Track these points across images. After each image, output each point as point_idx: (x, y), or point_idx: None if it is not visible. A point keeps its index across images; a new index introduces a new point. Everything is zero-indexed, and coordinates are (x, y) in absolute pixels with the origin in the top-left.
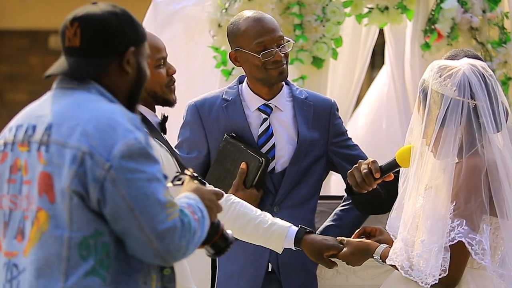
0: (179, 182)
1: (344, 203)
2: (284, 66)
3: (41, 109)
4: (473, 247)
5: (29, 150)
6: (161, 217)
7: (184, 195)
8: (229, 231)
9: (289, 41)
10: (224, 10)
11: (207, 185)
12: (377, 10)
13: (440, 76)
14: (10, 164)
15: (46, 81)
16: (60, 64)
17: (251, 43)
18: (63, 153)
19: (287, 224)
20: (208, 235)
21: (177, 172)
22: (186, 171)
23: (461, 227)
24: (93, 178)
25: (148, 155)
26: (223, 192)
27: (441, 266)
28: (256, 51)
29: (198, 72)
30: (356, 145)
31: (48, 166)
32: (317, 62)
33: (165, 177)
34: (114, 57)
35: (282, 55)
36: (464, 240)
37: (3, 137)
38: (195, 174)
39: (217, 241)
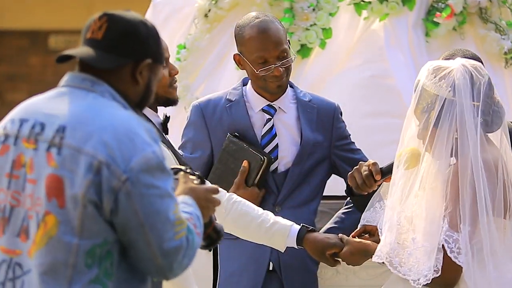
0: (175, 176)
1: (347, 206)
2: (284, 79)
3: (50, 107)
4: (449, 245)
5: (36, 148)
6: (169, 235)
7: (182, 200)
8: (218, 223)
9: (294, 54)
10: (213, 2)
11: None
12: (376, 1)
13: (435, 77)
14: (12, 158)
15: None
16: (79, 50)
17: (252, 54)
18: (77, 159)
19: (289, 222)
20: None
21: (174, 167)
22: (182, 167)
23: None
24: (108, 188)
25: (164, 169)
26: (218, 187)
27: (434, 266)
28: (256, 64)
29: None
30: (359, 149)
31: (60, 170)
32: (304, 51)
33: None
34: (130, 60)
35: (282, 69)
36: (441, 238)
37: (2, 127)
38: (190, 171)
39: (210, 233)
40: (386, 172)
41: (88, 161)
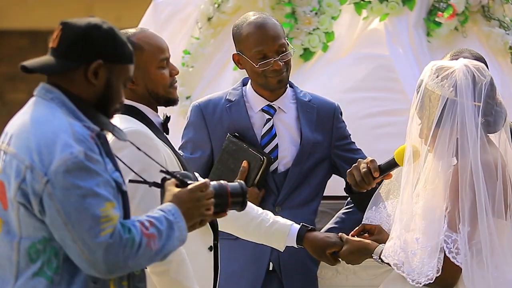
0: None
1: (347, 206)
2: (284, 74)
3: (17, 117)
4: (447, 245)
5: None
6: (94, 232)
7: (159, 207)
8: (235, 183)
9: (292, 48)
10: (216, 6)
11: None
12: (376, 1)
13: (437, 77)
14: None
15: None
16: (35, 60)
17: (251, 50)
18: (12, 163)
19: (289, 222)
20: (220, 205)
21: (162, 178)
22: (167, 176)
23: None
24: (32, 191)
25: (86, 169)
26: (206, 182)
27: (436, 266)
28: (255, 59)
29: None
30: (360, 149)
31: (2, 174)
32: (307, 54)
33: (119, 184)
34: (79, 63)
35: (281, 63)
36: (441, 238)
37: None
38: (174, 175)
39: (232, 201)
40: (385, 169)
41: (18, 166)
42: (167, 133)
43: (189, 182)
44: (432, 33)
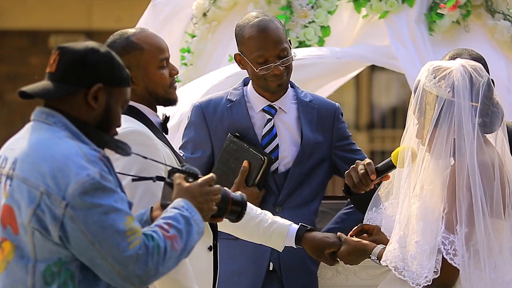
0: (168, 180)
1: (347, 206)
2: (284, 78)
3: (15, 142)
4: (445, 247)
5: (0, 182)
6: (122, 246)
7: (172, 205)
8: (237, 193)
9: (294, 53)
10: (212, 1)
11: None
12: None
13: (434, 77)
14: None
15: None
16: (35, 85)
17: (252, 53)
18: (22, 188)
19: (288, 222)
20: (220, 209)
21: (169, 171)
22: (176, 167)
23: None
24: (52, 216)
25: (103, 188)
26: (213, 176)
27: (434, 267)
28: (256, 63)
29: None
30: (360, 149)
31: (10, 199)
32: (302, 47)
33: (130, 203)
34: (79, 87)
35: (282, 68)
36: (438, 239)
37: None
38: (183, 169)
39: (232, 209)
40: (382, 171)
41: (30, 192)
42: (166, 133)
43: (199, 175)
44: (434, 27)
